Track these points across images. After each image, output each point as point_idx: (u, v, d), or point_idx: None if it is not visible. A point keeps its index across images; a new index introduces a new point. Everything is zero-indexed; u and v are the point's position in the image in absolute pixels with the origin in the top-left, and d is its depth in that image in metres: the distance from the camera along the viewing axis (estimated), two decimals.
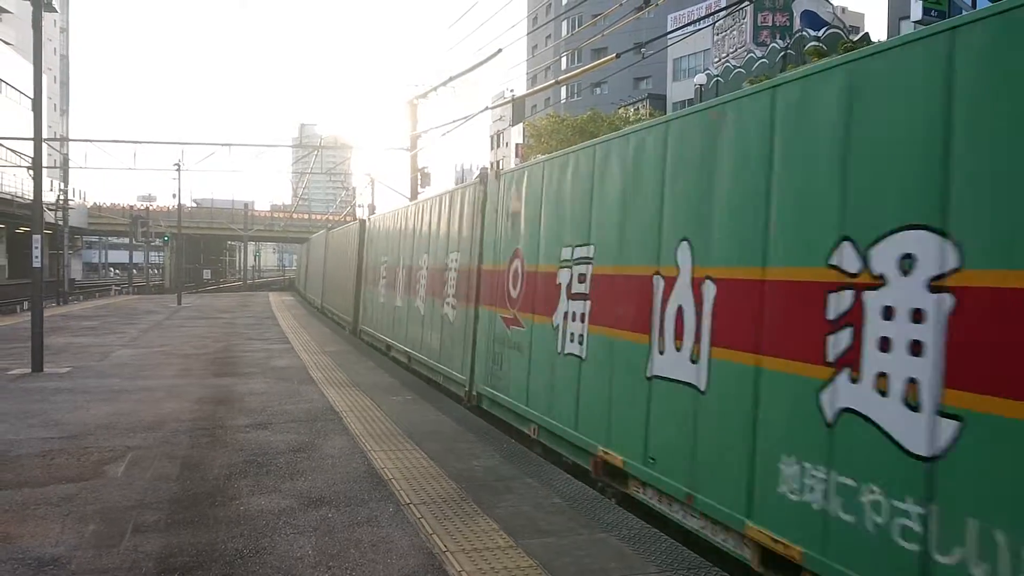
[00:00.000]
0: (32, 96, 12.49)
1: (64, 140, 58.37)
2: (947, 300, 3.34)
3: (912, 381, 3.47)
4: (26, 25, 15.02)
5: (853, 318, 3.81)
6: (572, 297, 6.88)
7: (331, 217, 71.45)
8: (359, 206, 65.16)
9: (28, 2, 12.30)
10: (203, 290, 58.13)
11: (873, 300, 3.71)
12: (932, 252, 3.42)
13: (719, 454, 4.73)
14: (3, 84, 55.45)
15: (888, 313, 3.63)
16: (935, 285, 3.40)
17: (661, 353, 5.41)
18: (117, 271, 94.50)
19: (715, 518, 4.73)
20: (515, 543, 4.84)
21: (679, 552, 4.72)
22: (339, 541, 4.85)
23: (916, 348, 3.47)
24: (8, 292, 42.25)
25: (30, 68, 13.03)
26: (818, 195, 4.12)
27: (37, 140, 12.56)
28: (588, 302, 6.58)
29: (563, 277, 7.08)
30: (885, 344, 3.63)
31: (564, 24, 64.26)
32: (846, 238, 3.89)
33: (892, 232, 3.64)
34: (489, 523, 5.22)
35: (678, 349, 5.22)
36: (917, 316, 3.48)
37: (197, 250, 75.18)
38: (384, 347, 15.00)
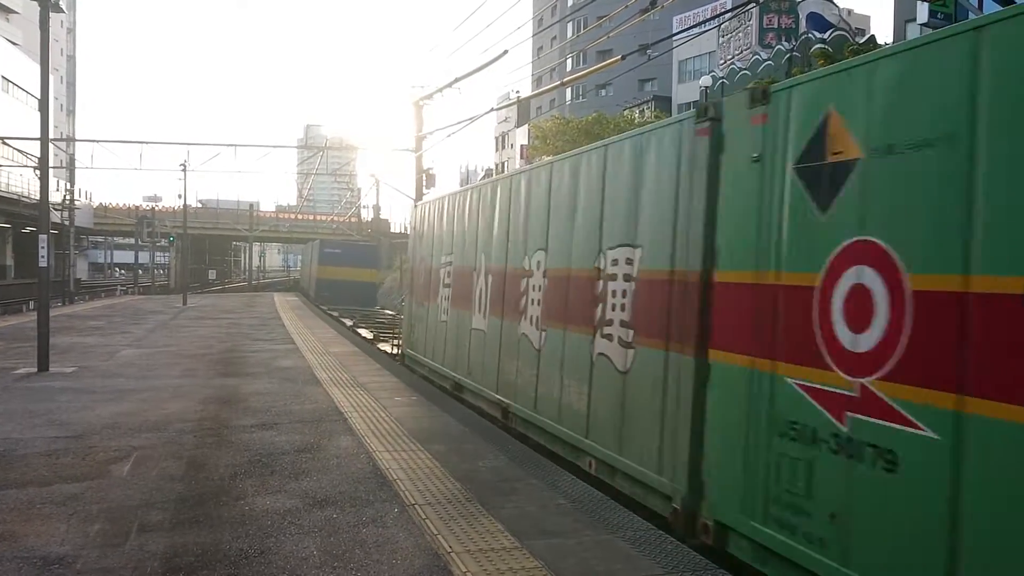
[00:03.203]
0: (39, 96, 12.53)
1: (71, 140, 58.74)
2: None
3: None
4: (33, 25, 15.08)
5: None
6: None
7: (336, 217, 71.46)
8: (364, 207, 65.17)
9: (35, 2, 12.32)
10: (208, 290, 58.20)
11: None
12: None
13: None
14: (10, 84, 55.70)
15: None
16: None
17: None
18: (122, 271, 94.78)
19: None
20: (520, 544, 4.83)
21: (684, 554, 4.71)
22: (344, 541, 4.85)
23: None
24: (14, 292, 42.44)
25: (37, 68, 13.12)
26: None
27: (44, 140, 12.59)
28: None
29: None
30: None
31: (569, 26, 64.19)
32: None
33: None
34: (494, 524, 5.22)
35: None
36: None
37: (202, 250, 75.24)
38: None
